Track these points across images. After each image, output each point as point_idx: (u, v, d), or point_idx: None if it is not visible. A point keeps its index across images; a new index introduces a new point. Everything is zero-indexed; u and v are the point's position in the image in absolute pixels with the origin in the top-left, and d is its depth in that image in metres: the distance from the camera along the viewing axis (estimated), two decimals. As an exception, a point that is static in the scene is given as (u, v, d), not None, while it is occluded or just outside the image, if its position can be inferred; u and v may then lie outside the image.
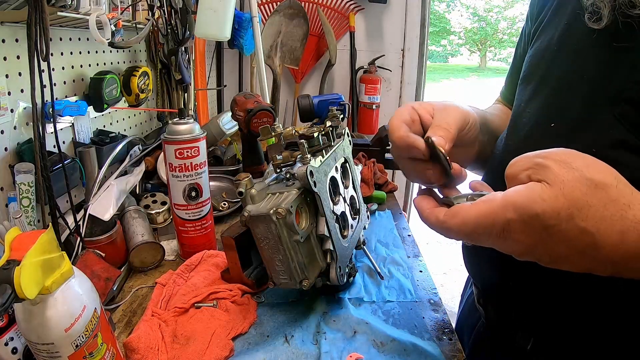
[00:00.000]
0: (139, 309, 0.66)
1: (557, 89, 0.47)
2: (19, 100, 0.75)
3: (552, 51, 0.49)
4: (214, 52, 1.91)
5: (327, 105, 1.21)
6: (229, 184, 1.09)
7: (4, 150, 0.73)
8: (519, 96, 0.54)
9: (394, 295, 0.69)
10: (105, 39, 0.82)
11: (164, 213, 0.93)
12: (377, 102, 2.05)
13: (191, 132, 0.73)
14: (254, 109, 0.99)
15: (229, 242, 0.65)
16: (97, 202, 0.79)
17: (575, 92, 0.45)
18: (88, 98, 0.95)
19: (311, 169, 0.57)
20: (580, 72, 0.45)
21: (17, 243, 0.39)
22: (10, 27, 0.74)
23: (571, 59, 0.46)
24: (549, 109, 0.47)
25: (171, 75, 1.30)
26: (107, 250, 0.70)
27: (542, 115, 0.48)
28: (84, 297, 0.43)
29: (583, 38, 0.44)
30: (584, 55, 0.45)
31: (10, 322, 0.48)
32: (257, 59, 1.41)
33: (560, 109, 0.46)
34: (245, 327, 0.61)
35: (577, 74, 0.45)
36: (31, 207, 0.72)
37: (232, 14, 1.14)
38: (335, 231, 0.61)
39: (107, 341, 0.46)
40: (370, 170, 1.10)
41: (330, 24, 1.96)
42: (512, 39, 16.92)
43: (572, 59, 0.46)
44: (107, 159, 0.85)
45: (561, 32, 0.48)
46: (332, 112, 0.72)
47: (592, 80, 0.43)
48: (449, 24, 17.17)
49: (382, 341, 0.58)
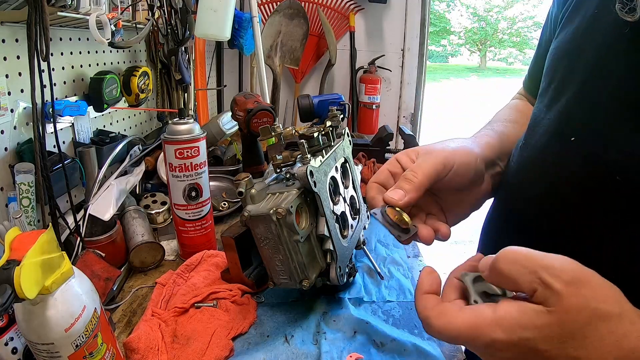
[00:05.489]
0: (139, 309, 0.66)
1: (580, 95, 0.41)
2: (19, 100, 0.75)
3: (576, 46, 0.43)
4: (214, 52, 1.91)
5: (327, 105, 1.21)
6: (229, 184, 1.09)
7: (4, 150, 0.73)
8: (540, 97, 0.49)
9: (394, 295, 0.69)
10: (105, 39, 0.82)
11: (164, 213, 0.93)
12: (377, 102, 2.05)
13: (191, 132, 0.73)
14: (254, 109, 0.99)
15: (229, 242, 0.65)
16: (97, 202, 0.79)
17: (600, 98, 0.39)
18: (88, 98, 0.95)
19: (311, 169, 0.57)
20: (606, 73, 0.39)
21: (17, 243, 0.39)
22: (10, 27, 0.73)
23: (597, 57, 0.40)
24: (569, 119, 0.42)
25: (171, 75, 1.30)
26: (107, 250, 0.70)
27: (561, 126, 0.43)
28: (84, 297, 0.43)
29: (611, 32, 0.38)
30: (613, 53, 0.38)
31: (10, 322, 0.48)
32: (257, 59, 1.41)
33: (582, 119, 0.40)
34: (245, 327, 0.61)
35: (603, 76, 0.39)
36: (31, 207, 0.72)
37: (232, 14, 1.14)
38: (335, 231, 0.61)
39: (107, 341, 0.46)
40: (370, 170, 1.10)
41: (330, 24, 1.96)
42: (512, 39, 16.94)
43: (598, 58, 0.40)
44: (107, 159, 0.85)
45: (587, 23, 0.42)
46: (332, 112, 0.72)
47: (620, 83, 0.37)
48: (449, 24, 17.17)
49: (382, 341, 0.58)
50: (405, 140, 1.26)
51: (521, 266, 0.30)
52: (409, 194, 0.42)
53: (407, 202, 0.41)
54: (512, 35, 16.99)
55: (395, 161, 0.48)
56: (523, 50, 17.45)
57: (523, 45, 17.20)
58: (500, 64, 17.90)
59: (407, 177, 0.43)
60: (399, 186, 0.43)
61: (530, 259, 0.30)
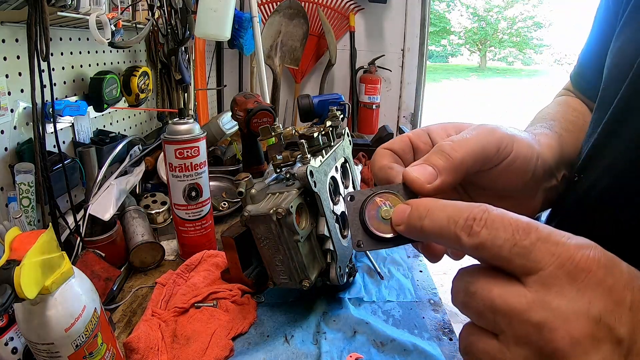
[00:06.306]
0: (139, 309, 0.66)
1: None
2: (19, 100, 0.75)
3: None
4: (214, 52, 1.91)
5: (327, 105, 1.21)
6: (229, 184, 1.10)
7: (4, 150, 0.73)
8: (595, 113, 0.38)
9: (394, 295, 0.69)
10: (105, 39, 0.82)
11: (164, 213, 0.93)
12: (377, 102, 2.05)
13: (191, 132, 0.73)
14: (254, 109, 0.99)
15: (229, 242, 0.65)
16: (97, 202, 0.79)
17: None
18: (88, 98, 0.95)
19: (311, 169, 0.57)
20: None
21: (17, 243, 0.39)
22: (10, 27, 0.73)
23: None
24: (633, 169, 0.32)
25: (171, 75, 1.30)
26: (107, 250, 0.70)
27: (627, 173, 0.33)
28: (84, 297, 0.43)
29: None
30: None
31: (10, 322, 0.48)
32: (257, 59, 1.41)
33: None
34: (245, 327, 0.61)
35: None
36: (31, 207, 0.72)
37: (232, 14, 1.14)
38: (335, 231, 0.61)
39: (107, 341, 0.46)
40: (370, 170, 1.10)
41: (330, 24, 1.96)
42: (512, 39, 16.95)
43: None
44: (107, 159, 0.85)
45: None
46: (332, 112, 0.72)
47: None
48: (449, 23, 17.18)
49: (382, 341, 0.58)
50: (405, 140, 1.25)
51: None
52: (442, 175, 0.28)
53: (437, 188, 0.28)
54: (512, 35, 16.99)
55: (423, 131, 0.35)
56: (523, 50, 17.46)
57: (523, 45, 17.21)
58: (500, 63, 17.90)
59: (445, 150, 0.28)
60: (430, 161, 0.28)
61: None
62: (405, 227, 0.26)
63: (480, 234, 0.22)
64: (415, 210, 0.25)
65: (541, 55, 17.90)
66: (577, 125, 0.44)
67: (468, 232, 0.22)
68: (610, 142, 0.35)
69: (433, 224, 0.24)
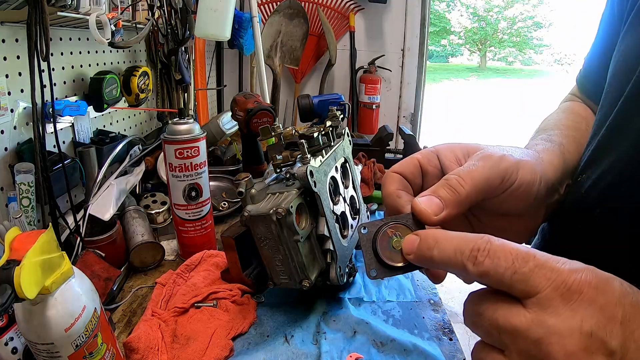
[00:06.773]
0: (139, 309, 0.66)
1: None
2: (19, 100, 0.75)
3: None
4: (214, 52, 1.91)
5: (327, 105, 1.21)
6: (229, 184, 1.10)
7: (4, 150, 0.73)
8: (599, 114, 0.38)
9: (394, 295, 0.69)
10: (105, 39, 0.82)
11: (164, 213, 0.93)
12: (377, 102, 2.05)
13: (191, 132, 0.73)
14: (254, 109, 0.99)
15: (229, 242, 0.65)
16: (97, 202, 0.79)
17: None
18: (88, 98, 0.95)
19: (311, 169, 0.57)
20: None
21: (17, 243, 0.39)
22: (10, 27, 0.73)
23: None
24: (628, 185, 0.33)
25: (171, 75, 1.30)
26: (107, 250, 0.70)
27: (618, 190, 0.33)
28: (84, 297, 0.43)
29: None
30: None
31: (10, 322, 0.48)
32: (257, 59, 1.41)
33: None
34: (245, 327, 0.61)
35: None
36: (31, 207, 0.72)
37: (232, 14, 1.14)
38: (335, 231, 0.61)
39: (107, 341, 0.46)
40: (370, 170, 1.09)
41: (330, 24, 1.96)
42: (512, 39, 16.95)
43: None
44: (107, 159, 0.85)
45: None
46: (332, 112, 0.72)
47: None
48: (449, 23, 17.18)
49: (382, 341, 0.58)
50: (405, 140, 1.26)
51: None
52: (448, 208, 0.30)
53: (442, 219, 0.30)
54: (512, 35, 16.99)
55: (432, 153, 0.36)
56: (523, 50, 17.46)
57: (523, 45, 17.21)
58: (500, 64, 17.91)
59: (451, 184, 0.30)
60: (437, 193, 0.30)
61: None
62: (415, 256, 0.28)
63: (484, 263, 0.25)
64: (424, 241, 0.28)
65: (541, 56, 17.91)
66: (580, 131, 0.45)
67: (473, 261, 0.25)
68: (614, 142, 0.36)
69: (441, 255, 0.27)
